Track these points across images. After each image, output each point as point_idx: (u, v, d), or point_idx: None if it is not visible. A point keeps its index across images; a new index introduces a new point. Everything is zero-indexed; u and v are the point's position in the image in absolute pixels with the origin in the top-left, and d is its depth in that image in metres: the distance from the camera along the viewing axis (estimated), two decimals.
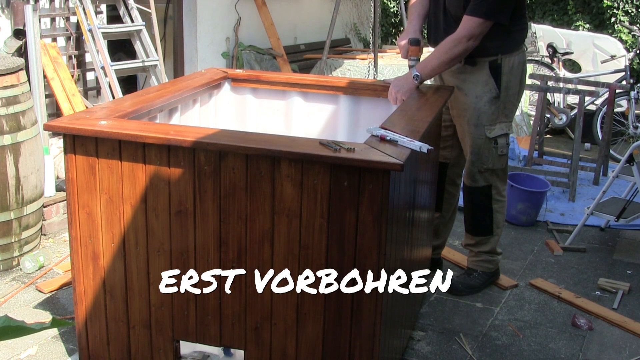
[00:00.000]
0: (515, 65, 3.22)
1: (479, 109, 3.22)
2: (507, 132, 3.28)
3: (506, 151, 3.30)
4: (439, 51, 3.07)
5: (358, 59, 6.51)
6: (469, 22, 3.00)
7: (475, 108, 3.22)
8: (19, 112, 3.49)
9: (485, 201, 3.38)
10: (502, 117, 3.24)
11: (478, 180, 3.33)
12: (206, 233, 2.30)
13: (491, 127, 3.23)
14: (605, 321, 3.25)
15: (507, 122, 3.27)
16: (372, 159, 2.07)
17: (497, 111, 3.21)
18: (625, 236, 4.31)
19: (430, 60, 3.09)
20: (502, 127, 3.24)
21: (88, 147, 2.35)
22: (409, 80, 3.08)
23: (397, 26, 9.18)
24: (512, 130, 3.35)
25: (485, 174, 3.32)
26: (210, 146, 2.20)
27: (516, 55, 3.22)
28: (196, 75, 3.30)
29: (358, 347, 2.25)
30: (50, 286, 3.37)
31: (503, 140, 3.27)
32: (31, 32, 4.01)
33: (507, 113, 3.26)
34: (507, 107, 3.24)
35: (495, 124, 3.22)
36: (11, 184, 3.48)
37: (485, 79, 3.19)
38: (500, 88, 3.19)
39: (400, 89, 3.06)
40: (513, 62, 3.21)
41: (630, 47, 8.02)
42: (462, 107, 3.28)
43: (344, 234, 2.16)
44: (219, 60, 5.92)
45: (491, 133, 3.23)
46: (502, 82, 3.19)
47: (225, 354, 2.67)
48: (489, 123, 3.22)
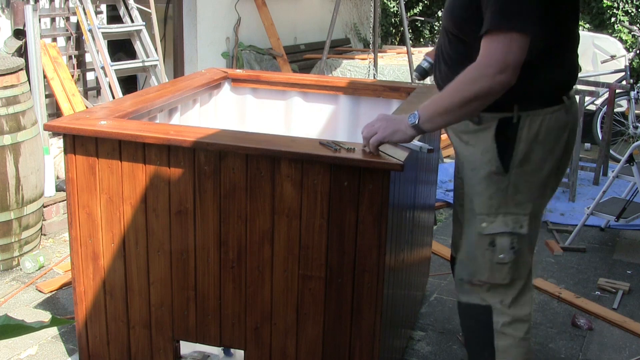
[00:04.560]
0: (544, 130, 2.03)
1: (472, 186, 2.15)
2: (516, 232, 2.09)
3: (510, 259, 2.09)
4: (450, 88, 1.96)
5: (358, 59, 6.51)
6: (490, 43, 1.87)
7: (470, 185, 2.17)
8: (19, 112, 3.49)
9: (481, 330, 2.20)
10: (510, 205, 2.08)
11: (469, 294, 2.20)
12: (206, 233, 2.29)
13: (487, 218, 2.11)
14: (605, 321, 3.25)
15: (517, 216, 2.08)
16: (372, 159, 2.07)
17: (499, 195, 2.08)
18: (625, 236, 4.31)
19: (437, 101, 1.99)
20: (506, 222, 2.09)
21: (88, 147, 2.35)
22: (400, 121, 2.05)
23: (397, 26, 9.19)
24: (527, 228, 2.10)
25: (480, 290, 2.16)
26: (210, 146, 2.20)
27: (550, 114, 2.03)
28: (196, 75, 3.30)
29: (358, 347, 2.25)
30: (50, 286, 3.37)
31: (505, 243, 2.09)
32: (31, 32, 4.01)
33: (520, 201, 2.08)
34: (520, 191, 2.07)
35: (496, 214, 2.09)
36: (11, 184, 3.48)
37: (488, 145, 2.08)
38: (509, 161, 2.05)
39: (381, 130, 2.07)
40: (541, 124, 2.03)
41: (630, 47, 8.03)
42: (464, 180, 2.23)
43: (344, 234, 2.16)
44: (219, 60, 5.92)
45: (486, 228, 2.11)
46: (516, 152, 2.04)
47: (225, 354, 2.67)
48: (484, 211, 2.11)
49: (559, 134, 2.06)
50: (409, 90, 3.12)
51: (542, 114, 2.02)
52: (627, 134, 6.17)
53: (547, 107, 2.02)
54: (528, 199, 2.08)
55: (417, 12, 9.19)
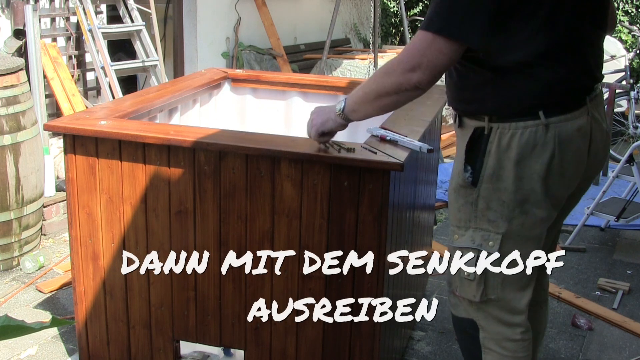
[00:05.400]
0: (515, 147, 1.87)
1: (448, 196, 2.07)
2: (484, 250, 1.94)
3: (474, 277, 1.97)
4: (370, 78, 1.97)
5: (358, 59, 6.51)
6: (412, 41, 1.84)
7: (448, 192, 2.08)
8: (19, 112, 3.49)
9: (470, 344, 2.14)
10: (481, 221, 1.95)
11: (456, 306, 2.11)
12: (206, 233, 2.29)
13: (458, 231, 2.01)
14: (605, 321, 3.24)
15: (487, 232, 1.94)
16: (372, 159, 2.07)
17: (467, 208, 1.97)
18: (625, 236, 4.31)
19: (359, 90, 1.98)
20: (474, 238, 1.96)
21: (88, 147, 2.35)
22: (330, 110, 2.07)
23: (397, 26, 9.18)
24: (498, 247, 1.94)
25: (463, 302, 2.07)
26: (210, 146, 2.20)
27: (522, 129, 1.87)
28: (196, 75, 3.30)
29: (358, 347, 2.25)
30: (50, 286, 3.37)
31: (470, 259, 1.96)
32: (31, 32, 4.01)
33: (491, 218, 1.93)
34: (491, 207, 1.92)
35: (466, 228, 1.98)
36: (11, 184, 3.48)
37: (461, 154, 1.98)
38: (478, 175, 1.92)
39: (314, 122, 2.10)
40: (511, 139, 1.88)
41: (630, 47, 8.02)
42: None
43: (344, 234, 2.16)
44: (219, 60, 5.91)
45: (456, 240, 2.01)
46: (485, 166, 1.91)
47: (225, 354, 2.67)
48: (455, 223, 2.02)
49: (537, 153, 1.86)
50: None
51: (511, 128, 1.87)
52: (627, 134, 6.17)
53: (519, 122, 1.86)
54: (501, 217, 1.92)
55: (417, 12, 9.19)
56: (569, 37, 1.88)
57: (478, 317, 2.06)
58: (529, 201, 1.91)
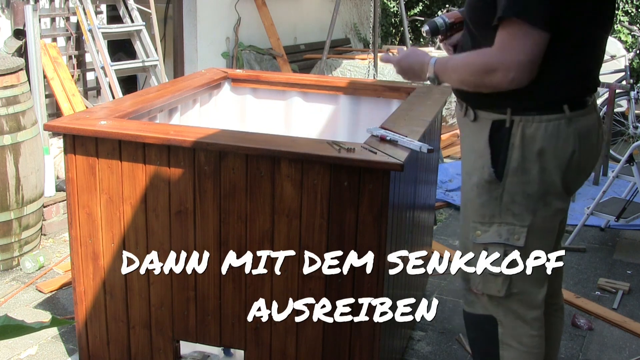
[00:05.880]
0: (540, 139, 1.89)
1: (466, 192, 2.06)
2: (510, 244, 1.96)
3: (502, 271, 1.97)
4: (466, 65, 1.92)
5: (358, 59, 6.51)
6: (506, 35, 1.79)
7: (463, 191, 2.09)
8: (19, 112, 3.49)
9: (485, 340, 2.12)
10: (506, 215, 1.96)
11: (473, 304, 2.12)
12: (206, 233, 2.29)
13: (481, 227, 2.00)
14: (605, 321, 3.24)
15: (512, 226, 1.96)
16: (372, 159, 2.07)
17: (492, 203, 1.97)
18: (625, 236, 4.31)
19: (455, 66, 1.97)
20: (500, 232, 1.97)
21: (88, 147, 2.35)
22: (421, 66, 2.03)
23: (397, 26, 9.18)
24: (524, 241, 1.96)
25: (482, 299, 2.07)
26: (210, 146, 2.20)
27: (546, 122, 1.88)
28: (196, 75, 3.31)
29: (358, 347, 2.25)
30: (50, 286, 3.37)
31: (498, 253, 1.96)
32: (31, 32, 4.01)
33: (516, 212, 1.95)
34: (516, 201, 1.94)
35: (490, 223, 1.98)
36: (11, 184, 3.48)
37: (482, 148, 1.96)
38: (503, 169, 1.93)
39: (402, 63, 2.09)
40: (536, 132, 1.89)
41: (630, 47, 8.02)
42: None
43: (344, 234, 2.16)
44: (219, 60, 5.92)
45: (479, 237, 2.00)
46: (509, 159, 1.92)
47: (225, 354, 2.67)
48: (477, 219, 2.01)
49: (560, 146, 1.89)
50: (409, 90, 3.12)
51: (536, 121, 1.87)
52: (627, 134, 6.17)
53: (542, 115, 1.87)
54: (526, 210, 1.94)
55: (417, 12, 9.19)
56: (595, 33, 1.91)
57: (498, 313, 2.06)
58: (550, 193, 1.94)
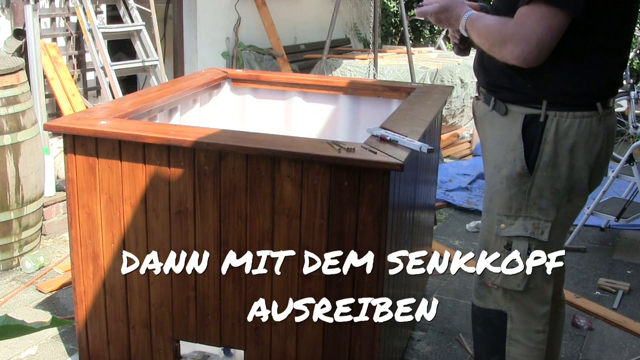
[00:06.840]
0: (573, 135, 1.92)
1: (492, 185, 2.06)
2: (535, 238, 1.99)
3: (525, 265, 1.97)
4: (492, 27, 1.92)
5: (358, 59, 6.51)
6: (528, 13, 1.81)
7: (490, 183, 2.09)
8: (19, 112, 3.49)
9: (492, 335, 2.14)
10: (532, 209, 1.98)
11: (484, 298, 2.13)
12: (206, 233, 2.29)
13: (506, 220, 2.02)
14: (605, 321, 3.24)
15: (538, 221, 1.98)
16: (372, 159, 2.07)
17: (520, 197, 1.99)
18: (625, 236, 4.31)
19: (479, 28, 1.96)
20: (525, 226, 1.99)
21: (88, 147, 2.35)
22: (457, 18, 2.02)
23: (397, 26, 9.19)
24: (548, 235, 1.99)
25: (495, 293, 2.09)
26: (210, 146, 2.20)
27: (579, 119, 1.92)
28: (196, 75, 3.31)
29: (358, 347, 2.25)
30: (50, 286, 3.37)
31: (522, 247, 1.99)
32: (31, 32, 4.01)
33: (542, 206, 1.98)
34: (543, 195, 1.97)
35: (515, 217, 2.00)
36: (11, 184, 3.48)
37: (513, 141, 1.98)
38: (534, 163, 1.95)
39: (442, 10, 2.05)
40: (569, 128, 1.92)
41: None
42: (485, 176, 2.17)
43: (344, 234, 2.16)
44: (219, 60, 5.92)
45: (504, 229, 2.02)
46: (541, 153, 1.94)
47: (225, 354, 2.67)
48: (503, 212, 2.02)
49: (591, 143, 1.93)
50: (409, 90, 3.12)
51: (570, 117, 1.91)
52: (627, 134, 6.17)
53: (577, 111, 1.91)
54: (551, 205, 1.97)
55: None
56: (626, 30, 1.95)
57: (510, 308, 2.08)
58: (575, 190, 1.99)
